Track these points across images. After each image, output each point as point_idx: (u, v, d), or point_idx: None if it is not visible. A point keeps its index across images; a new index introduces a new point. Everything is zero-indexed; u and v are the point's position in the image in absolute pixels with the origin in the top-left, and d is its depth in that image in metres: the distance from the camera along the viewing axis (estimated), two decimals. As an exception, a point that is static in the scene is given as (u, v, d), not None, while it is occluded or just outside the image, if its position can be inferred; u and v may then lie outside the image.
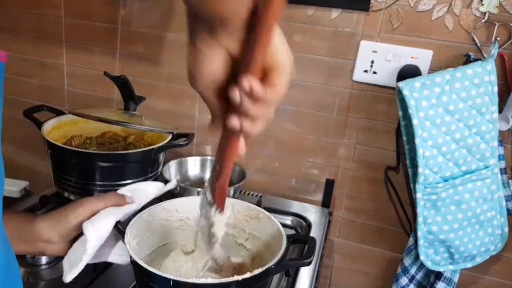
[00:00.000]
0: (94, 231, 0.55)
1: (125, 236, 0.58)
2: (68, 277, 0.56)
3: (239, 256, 0.71)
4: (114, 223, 0.59)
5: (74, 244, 0.58)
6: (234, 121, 0.37)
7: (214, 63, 0.36)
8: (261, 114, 0.37)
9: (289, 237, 0.62)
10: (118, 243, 0.62)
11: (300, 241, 0.71)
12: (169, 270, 0.65)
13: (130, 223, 0.61)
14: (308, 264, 0.61)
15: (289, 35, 1.00)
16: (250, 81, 0.34)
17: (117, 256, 0.62)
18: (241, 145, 0.41)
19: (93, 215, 0.59)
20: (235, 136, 0.40)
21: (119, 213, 0.60)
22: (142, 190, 0.67)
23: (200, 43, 0.36)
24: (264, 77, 0.36)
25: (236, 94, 0.35)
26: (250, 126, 0.37)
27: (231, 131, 0.38)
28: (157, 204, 0.68)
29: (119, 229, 0.59)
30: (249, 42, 0.34)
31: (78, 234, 0.59)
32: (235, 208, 0.71)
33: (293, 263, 0.62)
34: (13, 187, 1.17)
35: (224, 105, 0.38)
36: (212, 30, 0.34)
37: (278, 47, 0.36)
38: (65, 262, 0.58)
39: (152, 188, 0.69)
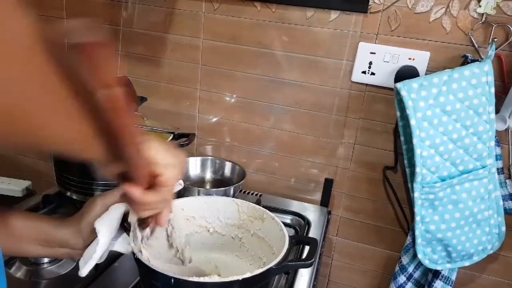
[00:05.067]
0: (104, 225, 0.56)
1: (131, 234, 0.59)
2: (84, 271, 0.55)
3: (243, 256, 0.72)
4: (122, 213, 0.59)
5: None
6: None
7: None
8: (146, 207, 0.51)
9: (291, 238, 0.63)
10: (122, 234, 0.63)
11: (303, 243, 0.72)
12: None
13: (136, 221, 0.62)
14: (309, 266, 0.62)
15: (289, 36, 1.01)
16: (128, 189, 0.47)
17: (120, 245, 0.63)
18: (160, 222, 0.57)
19: (107, 209, 0.59)
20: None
21: (127, 207, 0.61)
22: None
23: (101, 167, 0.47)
24: (152, 180, 0.48)
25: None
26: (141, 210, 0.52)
27: None
28: None
29: (125, 227, 0.60)
30: (126, 163, 0.44)
31: None
32: (240, 209, 0.72)
33: (294, 264, 0.63)
34: (16, 186, 1.18)
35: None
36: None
37: (161, 161, 0.48)
38: (81, 260, 0.58)
39: None
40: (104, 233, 0.55)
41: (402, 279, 1.01)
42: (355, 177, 1.08)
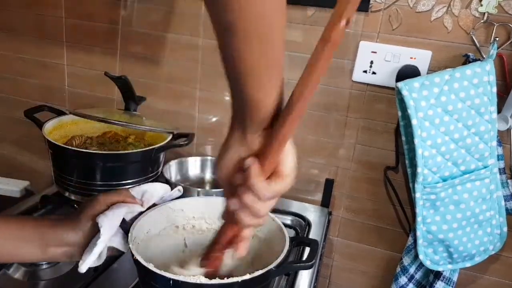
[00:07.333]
0: (107, 220, 0.55)
1: (130, 235, 0.58)
2: (84, 267, 0.54)
3: (243, 257, 0.72)
4: (124, 213, 0.59)
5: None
6: (233, 205, 0.45)
7: (235, 158, 0.45)
8: (258, 208, 0.45)
9: (292, 239, 0.62)
10: (121, 233, 0.62)
11: (304, 244, 0.71)
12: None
13: (135, 222, 0.61)
14: (310, 267, 0.61)
15: (289, 35, 1.00)
16: (255, 179, 0.43)
17: (119, 243, 0.62)
18: (242, 247, 0.51)
19: (108, 207, 0.59)
20: (236, 225, 0.49)
21: (129, 207, 0.61)
22: (149, 192, 0.67)
23: (232, 140, 0.45)
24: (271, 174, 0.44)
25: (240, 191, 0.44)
26: (247, 217, 0.46)
27: (234, 219, 0.47)
28: (163, 204, 0.68)
29: (124, 227, 0.60)
30: (269, 144, 0.43)
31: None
32: None
33: (295, 265, 0.63)
34: (14, 187, 1.17)
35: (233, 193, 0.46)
36: (244, 131, 0.43)
37: (287, 151, 0.46)
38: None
39: (159, 190, 0.69)
40: (106, 228, 0.55)
41: (403, 280, 1.01)
42: (356, 177, 1.07)
